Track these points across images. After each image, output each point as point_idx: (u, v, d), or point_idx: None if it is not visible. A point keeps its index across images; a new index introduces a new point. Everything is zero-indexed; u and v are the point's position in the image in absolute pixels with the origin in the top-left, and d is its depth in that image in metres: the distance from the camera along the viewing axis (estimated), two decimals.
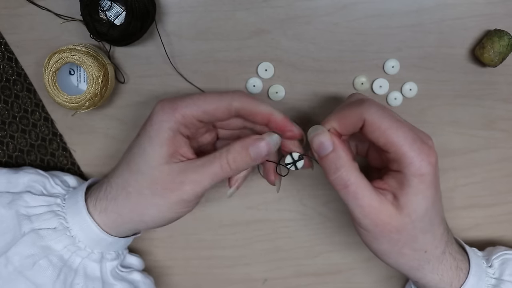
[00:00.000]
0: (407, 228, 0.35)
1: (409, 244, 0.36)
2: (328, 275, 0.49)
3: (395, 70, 0.45)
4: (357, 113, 0.35)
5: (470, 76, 0.46)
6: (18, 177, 0.42)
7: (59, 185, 0.43)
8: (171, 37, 0.45)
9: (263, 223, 0.49)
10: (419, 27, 0.45)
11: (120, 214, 0.38)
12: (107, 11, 0.42)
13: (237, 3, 0.44)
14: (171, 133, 0.36)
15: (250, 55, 0.45)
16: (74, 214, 0.39)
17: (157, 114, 0.37)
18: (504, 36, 0.42)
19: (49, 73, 0.42)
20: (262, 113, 0.37)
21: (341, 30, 0.45)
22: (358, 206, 0.35)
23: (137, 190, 0.37)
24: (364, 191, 0.34)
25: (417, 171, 0.34)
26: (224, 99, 0.37)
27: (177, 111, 0.36)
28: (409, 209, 0.34)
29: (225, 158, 0.36)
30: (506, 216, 0.48)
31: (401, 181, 0.34)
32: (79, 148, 0.47)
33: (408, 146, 0.33)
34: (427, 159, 0.34)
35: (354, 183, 0.34)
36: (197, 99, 0.37)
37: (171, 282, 0.50)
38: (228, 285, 0.50)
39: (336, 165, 0.35)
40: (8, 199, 0.40)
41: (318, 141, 0.35)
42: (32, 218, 0.39)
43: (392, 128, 0.34)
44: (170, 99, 0.37)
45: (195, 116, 0.36)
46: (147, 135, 0.37)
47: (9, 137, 0.47)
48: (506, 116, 0.46)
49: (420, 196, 0.34)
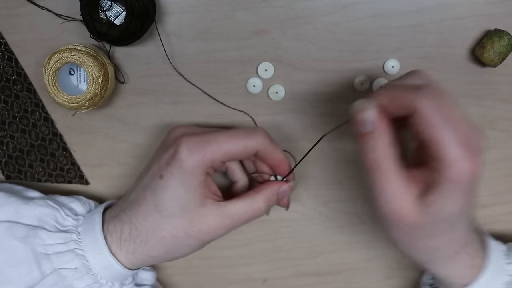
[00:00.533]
0: (426, 226, 0.34)
1: (424, 240, 0.35)
2: (328, 275, 0.49)
3: (395, 70, 0.45)
4: (410, 100, 0.32)
5: (470, 76, 0.45)
6: (28, 209, 0.41)
7: (69, 216, 0.42)
8: (171, 37, 0.45)
9: (263, 223, 0.49)
10: (419, 27, 0.45)
11: (151, 255, 0.39)
12: (107, 11, 0.42)
13: (237, 3, 0.44)
14: (203, 178, 0.37)
15: (250, 55, 0.45)
16: (95, 253, 0.39)
17: (187, 161, 0.36)
18: (504, 36, 0.42)
19: (49, 73, 0.42)
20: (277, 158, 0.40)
21: (341, 30, 0.45)
22: (383, 192, 0.33)
23: (171, 234, 0.38)
24: (393, 179, 0.33)
25: (453, 176, 0.32)
26: (250, 143, 0.38)
27: (206, 157, 0.37)
28: (434, 209, 0.33)
29: (257, 205, 0.39)
30: (506, 216, 0.48)
31: (434, 179, 0.33)
32: (79, 148, 0.47)
33: (451, 149, 0.31)
34: (467, 167, 0.31)
35: (387, 167, 0.33)
36: (223, 142, 0.37)
37: (171, 282, 0.50)
38: (228, 285, 0.50)
39: (373, 146, 0.33)
40: (22, 232, 0.39)
41: (362, 117, 0.33)
42: (52, 258, 0.39)
43: (441, 126, 0.31)
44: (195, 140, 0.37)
45: (222, 160, 0.38)
46: (176, 180, 0.37)
47: (9, 137, 0.47)
48: (506, 116, 0.46)
49: (450, 200, 0.33)
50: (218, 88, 0.46)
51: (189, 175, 0.37)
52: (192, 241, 0.38)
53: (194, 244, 0.39)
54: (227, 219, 0.38)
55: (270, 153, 0.40)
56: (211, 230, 0.38)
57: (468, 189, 0.33)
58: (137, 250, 0.39)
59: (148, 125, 0.47)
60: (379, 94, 0.34)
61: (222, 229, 0.38)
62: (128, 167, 0.48)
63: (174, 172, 0.37)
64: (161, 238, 0.38)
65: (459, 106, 0.34)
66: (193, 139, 0.37)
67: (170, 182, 0.37)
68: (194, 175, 0.37)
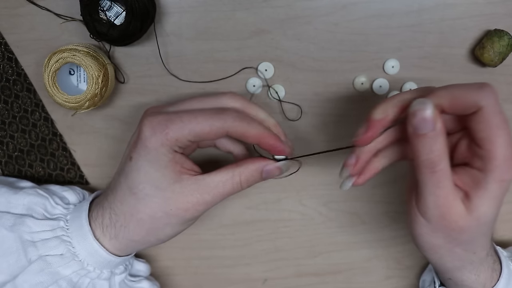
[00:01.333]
0: (471, 231, 0.34)
1: (464, 244, 0.35)
2: (328, 275, 0.49)
3: (395, 70, 0.45)
4: (475, 98, 0.32)
5: (470, 76, 0.45)
6: (18, 198, 0.41)
7: (59, 204, 0.42)
8: (171, 37, 0.45)
9: (263, 223, 0.49)
10: (419, 27, 0.45)
11: (133, 239, 0.38)
12: (107, 11, 0.42)
13: (237, 3, 0.44)
14: (170, 155, 0.36)
15: (250, 55, 0.45)
16: (81, 239, 0.39)
17: (150, 140, 0.35)
18: (504, 36, 0.42)
19: (49, 73, 0.42)
20: (253, 136, 0.36)
21: (341, 30, 0.45)
22: (435, 195, 0.33)
23: (149, 215, 0.37)
24: (447, 182, 0.32)
25: (500, 176, 0.32)
26: (217, 123, 0.36)
27: (169, 135, 0.35)
28: (480, 213, 0.33)
29: (237, 178, 0.37)
30: (506, 216, 0.48)
31: (478, 182, 0.32)
32: (79, 148, 0.47)
33: (503, 149, 0.31)
34: None
35: (443, 170, 0.32)
36: (188, 122, 0.35)
37: (171, 282, 0.50)
38: (228, 285, 0.50)
39: (432, 147, 0.32)
40: (11, 221, 0.39)
41: (421, 116, 0.32)
42: (38, 245, 0.38)
43: (499, 127, 0.31)
44: (158, 119, 0.36)
45: (188, 139, 0.36)
46: (145, 160, 0.36)
47: (9, 137, 0.47)
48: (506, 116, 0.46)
49: (494, 201, 0.33)
50: (218, 88, 0.46)
51: (155, 154, 0.36)
52: (172, 220, 0.37)
53: (175, 223, 0.37)
54: (205, 193, 0.37)
55: (244, 131, 0.36)
56: (189, 207, 0.37)
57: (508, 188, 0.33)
58: (119, 235, 0.38)
59: None
60: (438, 94, 0.33)
61: (201, 205, 0.37)
62: None
63: (141, 153, 0.36)
64: (139, 220, 0.37)
65: None
66: (156, 118, 0.36)
67: (139, 163, 0.36)
68: (160, 153, 0.36)
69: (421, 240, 0.36)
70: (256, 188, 0.48)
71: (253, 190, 0.48)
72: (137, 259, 0.45)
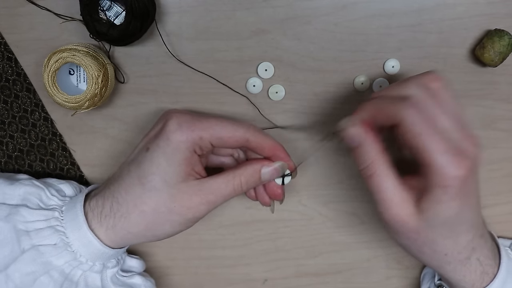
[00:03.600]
0: (424, 231, 0.35)
1: (428, 245, 0.36)
2: (328, 275, 0.49)
3: (395, 70, 0.45)
4: (394, 111, 0.34)
5: (470, 76, 0.45)
6: (13, 189, 0.41)
7: (55, 196, 0.41)
8: (171, 37, 0.45)
9: (263, 223, 0.49)
10: (419, 27, 0.45)
11: (130, 231, 0.38)
12: (107, 11, 0.42)
13: (237, 3, 0.44)
14: (188, 154, 0.37)
15: (250, 55, 0.45)
16: (74, 229, 0.39)
17: (175, 133, 0.37)
18: (504, 36, 0.42)
19: (49, 73, 0.42)
20: (270, 146, 0.39)
21: (341, 30, 0.45)
22: (381, 199, 0.35)
23: (152, 208, 0.37)
24: (388, 185, 0.35)
25: (440, 182, 0.33)
26: (240, 130, 0.38)
27: (195, 133, 0.37)
28: (428, 215, 0.34)
29: (238, 180, 0.39)
30: (506, 216, 0.48)
31: (425, 186, 0.34)
32: (79, 148, 0.47)
33: (436, 156, 0.33)
34: (454, 172, 0.33)
35: (379, 175, 0.35)
36: (214, 124, 0.37)
37: (171, 282, 0.50)
38: (228, 285, 0.50)
39: (364, 157, 0.35)
40: (6, 211, 0.39)
41: (349, 133, 0.36)
42: (31, 234, 0.38)
43: (424, 135, 0.33)
44: (186, 117, 0.38)
45: (210, 140, 0.37)
46: (162, 152, 0.37)
47: (8, 137, 0.47)
48: (506, 116, 0.46)
49: (441, 205, 0.34)
50: (218, 88, 0.46)
51: (175, 148, 0.36)
52: (174, 217, 0.38)
53: (175, 221, 0.38)
54: (208, 194, 0.38)
55: (262, 141, 0.39)
56: (193, 205, 0.38)
57: (461, 193, 0.33)
58: (117, 225, 0.38)
59: (148, 125, 0.47)
60: (362, 109, 0.36)
61: (204, 205, 0.38)
62: None
63: (160, 144, 0.37)
64: (142, 212, 0.37)
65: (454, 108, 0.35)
66: (184, 116, 0.38)
67: (154, 154, 0.37)
68: (180, 149, 0.37)
69: (395, 241, 0.38)
70: None
71: None
72: (130, 255, 0.45)
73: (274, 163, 0.40)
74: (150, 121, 0.46)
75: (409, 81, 0.36)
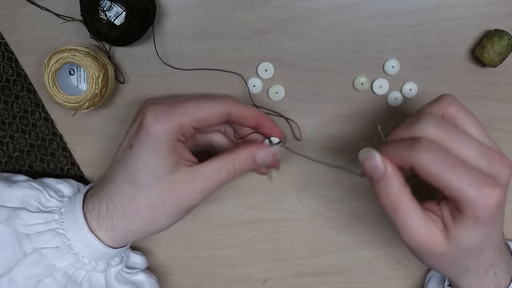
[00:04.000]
0: (452, 255, 0.35)
1: (454, 264, 0.36)
2: (328, 275, 0.49)
3: (395, 70, 0.45)
4: (405, 158, 0.33)
5: (470, 76, 0.45)
6: (12, 191, 0.41)
7: (53, 197, 0.41)
8: (171, 37, 0.45)
9: (263, 223, 0.49)
10: (419, 27, 0.45)
11: (129, 229, 0.38)
12: (107, 11, 0.42)
13: (237, 3, 0.44)
14: (171, 143, 0.36)
15: (250, 55, 0.45)
16: (75, 231, 0.39)
17: (153, 126, 0.36)
18: (504, 36, 0.42)
19: (49, 73, 0.42)
20: (253, 116, 0.38)
21: (341, 30, 0.45)
22: (406, 231, 0.34)
23: (147, 205, 0.37)
24: (413, 217, 0.33)
25: (472, 214, 0.32)
26: (219, 106, 0.37)
27: (173, 121, 0.36)
28: (458, 242, 0.33)
29: (231, 165, 0.37)
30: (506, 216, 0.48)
31: (455, 215, 0.33)
32: (79, 148, 0.47)
33: (462, 191, 0.31)
34: (485, 203, 0.31)
35: (404, 208, 0.33)
36: (192, 107, 0.36)
37: (171, 282, 0.50)
38: (228, 285, 0.50)
39: (388, 190, 0.33)
40: (5, 214, 0.39)
41: (371, 165, 0.34)
42: (32, 237, 0.39)
43: (444, 175, 0.31)
44: (161, 106, 0.37)
45: (191, 124, 0.37)
46: (145, 148, 0.36)
47: (9, 137, 0.47)
48: (506, 116, 0.46)
49: (472, 233, 0.33)
50: (219, 88, 0.46)
51: (157, 142, 0.36)
52: (169, 209, 0.37)
53: (171, 212, 0.38)
54: (200, 181, 0.37)
55: (244, 112, 0.38)
56: (186, 195, 0.37)
57: (490, 220, 0.32)
58: (116, 225, 0.38)
59: None
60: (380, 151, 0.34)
61: (198, 192, 0.37)
62: None
63: (142, 140, 0.36)
64: (137, 209, 0.37)
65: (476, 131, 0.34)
66: (159, 106, 0.37)
67: (139, 151, 0.36)
68: (162, 141, 0.36)
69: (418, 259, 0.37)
70: (256, 188, 0.48)
71: (253, 190, 0.48)
72: (133, 251, 0.45)
73: (270, 147, 0.39)
74: None
75: (421, 116, 0.34)
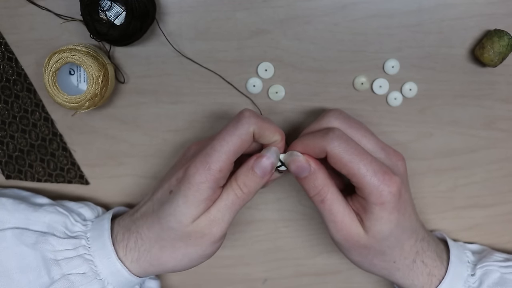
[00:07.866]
0: (374, 246, 0.38)
1: (378, 256, 0.39)
2: (328, 275, 0.50)
3: (395, 70, 0.45)
4: (320, 145, 0.37)
5: (470, 76, 0.46)
6: (38, 216, 0.41)
7: (78, 221, 0.42)
8: (171, 37, 0.45)
9: (263, 223, 0.49)
10: (419, 27, 0.45)
11: (152, 264, 0.40)
12: (107, 11, 0.42)
13: (237, 3, 0.44)
14: (210, 192, 0.37)
15: (250, 55, 0.45)
16: (103, 258, 0.40)
17: (194, 176, 0.37)
18: (504, 36, 0.42)
19: (49, 73, 0.42)
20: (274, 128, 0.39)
21: (341, 30, 0.45)
22: (332, 222, 0.38)
23: (170, 244, 0.39)
24: (339, 208, 0.38)
25: (377, 200, 0.36)
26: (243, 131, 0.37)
27: (212, 169, 0.37)
28: (374, 232, 0.37)
29: (236, 185, 0.38)
30: (506, 216, 0.48)
31: (364, 207, 0.37)
32: (79, 148, 0.47)
33: (369, 178, 0.36)
34: (387, 189, 0.36)
35: (330, 199, 0.38)
36: (220, 146, 0.37)
37: (171, 282, 0.50)
38: (228, 285, 0.50)
39: (314, 184, 0.38)
40: (32, 239, 0.40)
41: (295, 165, 0.38)
42: (61, 263, 0.39)
43: (353, 162, 0.36)
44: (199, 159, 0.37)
45: (228, 163, 0.37)
46: (182, 195, 0.37)
47: (9, 137, 0.47)
48: (506, 116, 0.46)
49: (383, 221, 0.37)
50: (219, 88, 0.46)
51: (195, 191, 0.37)
52: (191, 250, 0.39)
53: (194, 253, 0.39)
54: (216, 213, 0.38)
55: (267, 127, 0.38)
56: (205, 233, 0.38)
57: (396, 206, 0.37)
58: (141, 258, 0.40)
59: (148, 125, 0.47)
60: (293, 145, 0.39)
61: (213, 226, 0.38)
62: (128, 167, 0.48)
63: (181, 188, 0.37)
64: (161, 247, 0.39)
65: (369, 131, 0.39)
66: (198, 158, 0.37)
67: (175, 197, 0.38)
68: (199, 190, 0.37)
69: (347, 258, 0.41)
70: None
71: None
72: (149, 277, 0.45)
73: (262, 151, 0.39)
74: (150, 121, 0.47)
75: (327, 114, 0.39)
